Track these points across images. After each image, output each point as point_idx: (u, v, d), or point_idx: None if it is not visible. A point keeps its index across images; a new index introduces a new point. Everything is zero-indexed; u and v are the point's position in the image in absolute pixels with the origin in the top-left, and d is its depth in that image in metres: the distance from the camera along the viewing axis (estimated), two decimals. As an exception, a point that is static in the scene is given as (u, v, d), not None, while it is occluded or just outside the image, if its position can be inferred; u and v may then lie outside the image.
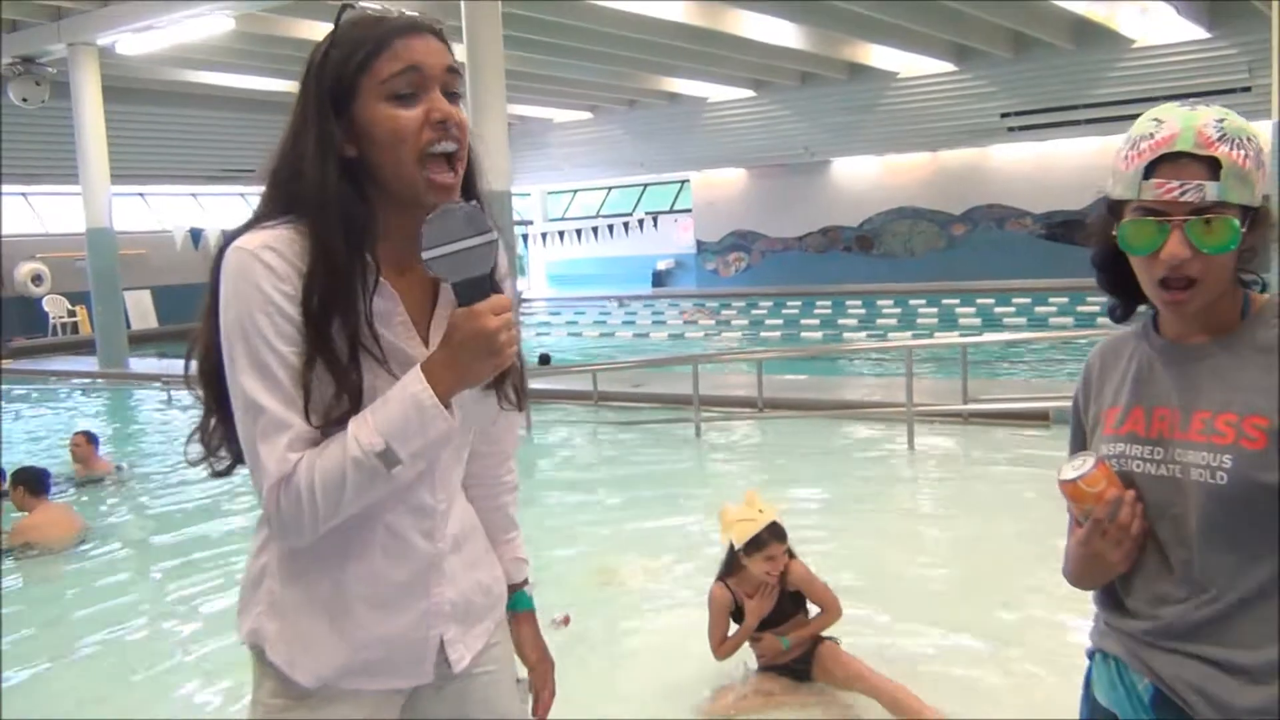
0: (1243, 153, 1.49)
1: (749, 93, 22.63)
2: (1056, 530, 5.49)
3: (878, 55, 19.51)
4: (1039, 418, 8.57)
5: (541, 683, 1.90)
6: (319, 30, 15.12)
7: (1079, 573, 1.69)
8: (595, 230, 28.06)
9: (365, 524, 1.54)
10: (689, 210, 27.23)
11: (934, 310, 19.89)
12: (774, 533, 3.72)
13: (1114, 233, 1.58)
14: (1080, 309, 18.34)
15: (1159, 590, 1.58)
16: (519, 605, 1.87)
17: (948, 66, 19.87)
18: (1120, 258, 1.60)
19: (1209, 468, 1.50)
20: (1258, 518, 1.48)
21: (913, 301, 20.71)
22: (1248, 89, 17.10)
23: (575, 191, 29.64)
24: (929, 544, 5.91)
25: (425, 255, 1.41)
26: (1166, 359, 1.61)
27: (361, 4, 1.53)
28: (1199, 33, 17.29)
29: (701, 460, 8.70)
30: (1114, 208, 1.60)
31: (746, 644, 3.89)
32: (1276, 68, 8.66)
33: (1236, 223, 1.47)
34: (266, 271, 1.43)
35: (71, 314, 21.86)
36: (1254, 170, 1.50)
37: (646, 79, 21.20)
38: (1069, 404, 1.83)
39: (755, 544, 3.70)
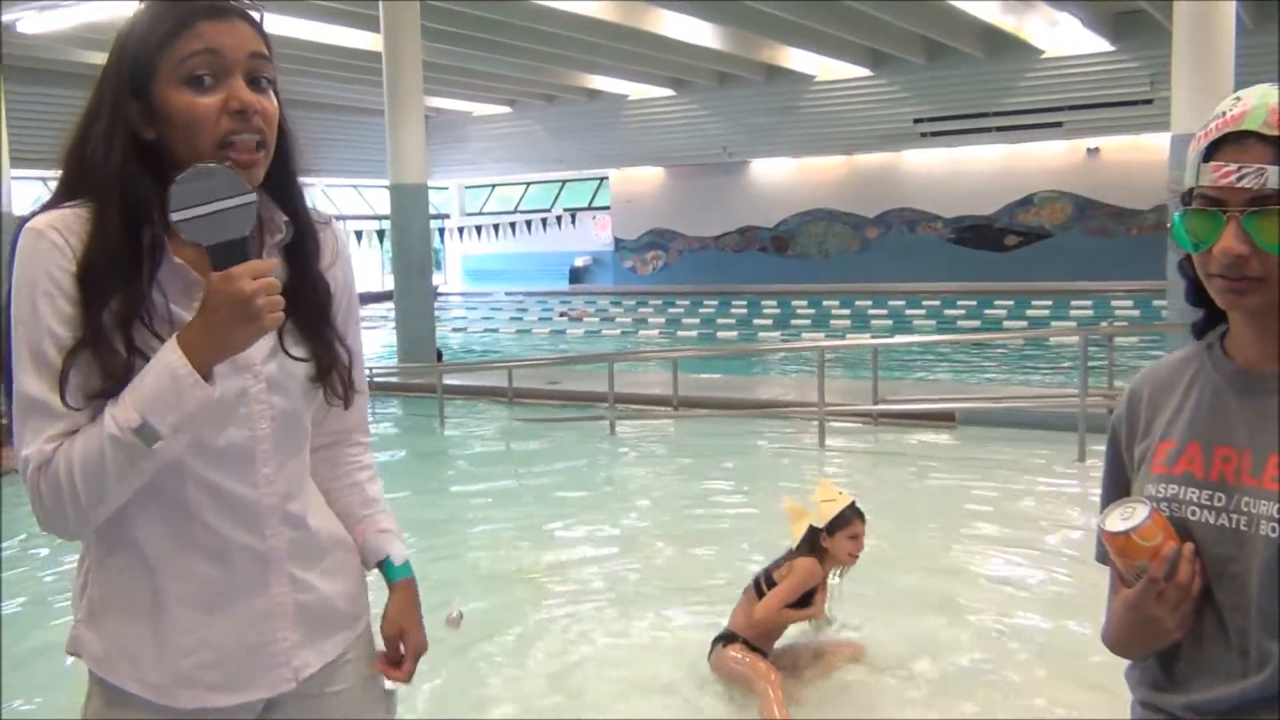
0: None
1: (668, 92, 22.71)
2: (959, 526, 5.58)
3: (795, 58, 19.74)
4: (946, 418, 8.75)
5: (393, 646, 1.72)
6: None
7: (1126, 639, 1.42)
8: (513, 226, 27.93)
9: (182, 522, 1.48)
10: (607, 207, 27.24)
11: (847, 311, 20.19)
12: (857, 511, 3.91)
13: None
14: (988, 312, 18.81)
15: (1209, 661, 1.34)
16: (389, 575, 1.75)
17: (863, 71, 20.19)
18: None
19: (1271, 522, 1.27)
20: None
21: (826, 302, 21.00)
22: (1149, 101, 17.69)
23: (493, 186, 29.44)
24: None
25: (174, 217, 1.34)
26: (1237, 389, 1.35)
27: None
28: (1104, 45, 17.84)
29: (616, 458, 8.70)
30: (1186, 199, 1.34)
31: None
32: (1176, 81, 8.95)
33: None
34: (51, 250, 1.39)
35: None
36: None
37: (566, 75, 21.15)
38: (976, 404, 1.68)
39: (840, 521, 3.86)
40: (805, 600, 3.88)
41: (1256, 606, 1.28)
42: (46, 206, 1.45)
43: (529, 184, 28.65)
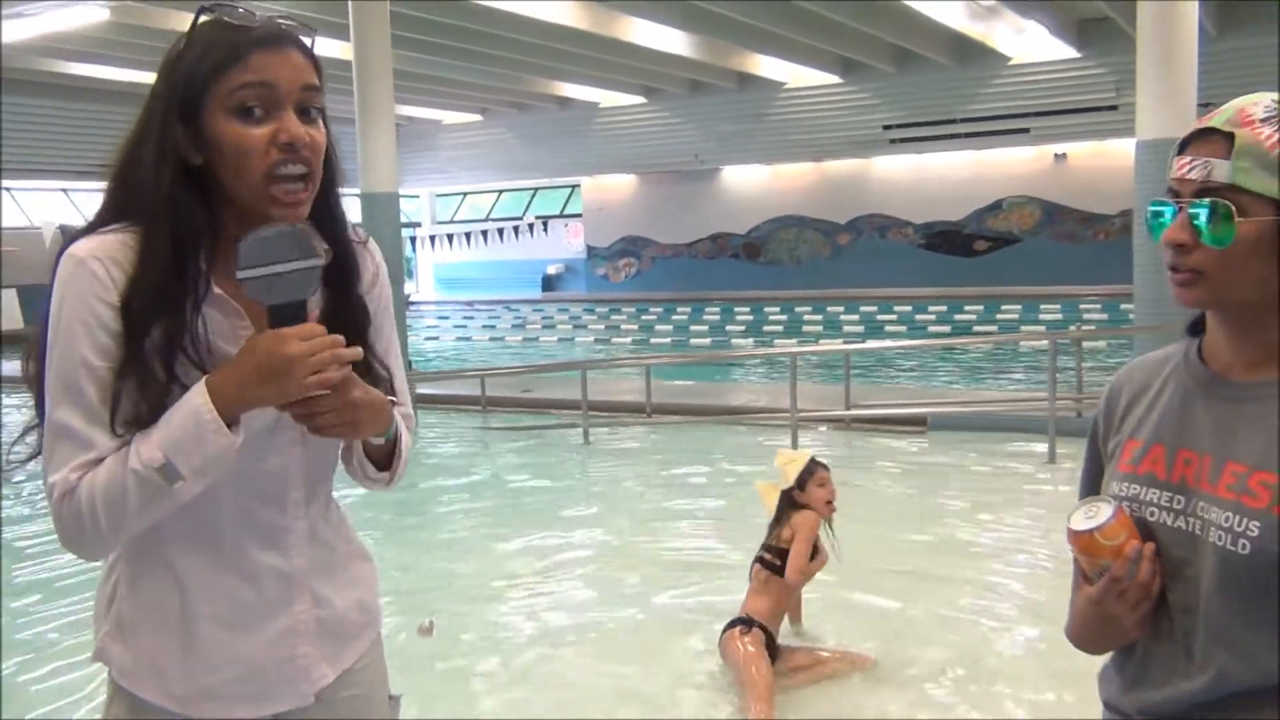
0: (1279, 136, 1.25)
1: (640, 99, 22.75)
2: (932, 530, 5.63)
3: (766, 65, 19.81)
4: (918, 423, 8.81)
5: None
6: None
7: (1087, 635, 1.44)
8: (485, 234, 27.85)
9: (214, 545, 1.50)
10: (579, 215, 27.24)
11: (819, 317, 20.28)
12: (818, 462, 4.16)
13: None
14: (958, 317, 18.94)
15: (1161, 662, 1.36)
16: None
17: (833, 78, 20.30)
18: None
19: (1230, 531, 1.27)
20: (1277, 600, 1.25)
21: (798, 308, 21.08)
22: (1114, 107, 17.88)
23: (464, 194, 29.37)
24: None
25: (240, 274, 1.36)
26: (1207, 393, 1.36)
27: (221, 5, 1.45)
28: (1070, 52, 18.02)
29: (590, 465, 8.69)
30: None
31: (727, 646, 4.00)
32: (1141, 88, 9.05)
33: (1230, 212, 1.25)
34: (91, 280, 1.39)
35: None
36: None
37: (537, 82, 21.14)
38: (946, 408, 1.69)
39: (806, 473, 4.09)
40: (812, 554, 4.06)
41: (1203, 611, 1.30)
42: (89, 228, 1.45)
43: (500, 192, 28.59)
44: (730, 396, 10.78)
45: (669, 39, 17.02)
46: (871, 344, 15.13)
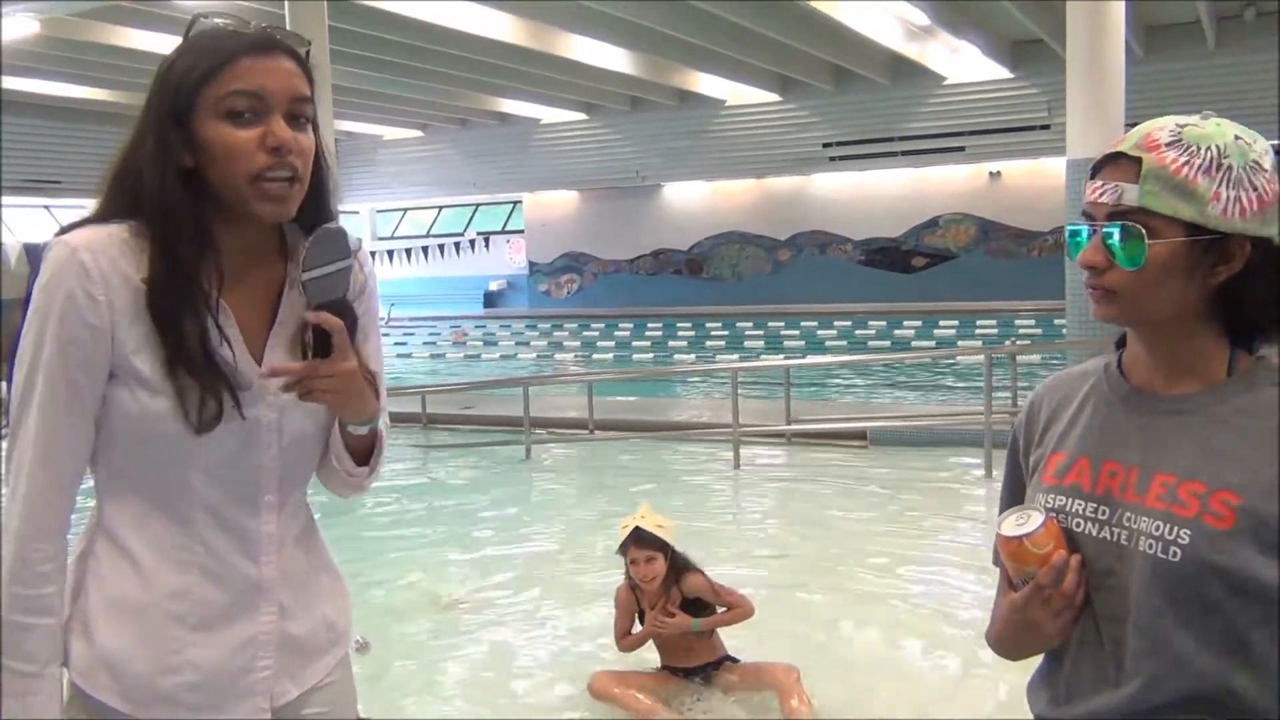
0: (1185, 159, 1.28)
1: (580, 115, 22.78)
2: (870, 543, 5.66)
3: (706, 83, 19.95)
4: (858, 437, 8.89)
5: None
6: (130, 37, 14.56)
7: (1008, 641, 1.46)
8: (425, 250, 27.65)
9: (183, 540, 1.50)
10: (521, 231, 27.16)
11: (760, 333, 20.40)
12: (635, 537, 3.90)
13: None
14: (897, 332, 19.17)
15: (1089, 671, 1.38)
16: None
17: (772, 96, 20.50)
18: None
19: (1162, 540, 1.30)
20: (1208, 607, 1.28)
21: (740, 324, 21.19)
22: (1046, 126, 18.28)
23: (405, 210, 29.15)
24: (754, 558, 6.03)
25: (305, 276, 1.44)
26: (1129, 407, 1.39)
27: (213, 18, 1.49)
28: (1003, 73, 18.38)
29: (532, 482, 8.66)
30: None
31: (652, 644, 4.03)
32: (1071, 108, 9.27)
33: (1141, 234, 1.28)
34: (80, 271, 1.40)
35: None
36: (1201, 181, 1.27)
37: (478, 99, 21.08)
38: (887, 423, 1.71)
39: (623, 548, 3.94)
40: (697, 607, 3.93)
41: (1132, 620, 1.32)
42: (83, 222, 1.47)
43: (441, 208, 28.43)
44: (672, 412, 10.80)
45: (610, 56, 17.08)
46: (812, 359, 15.25)
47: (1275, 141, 1.37)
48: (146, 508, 1.48)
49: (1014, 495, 1.55)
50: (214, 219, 1.47)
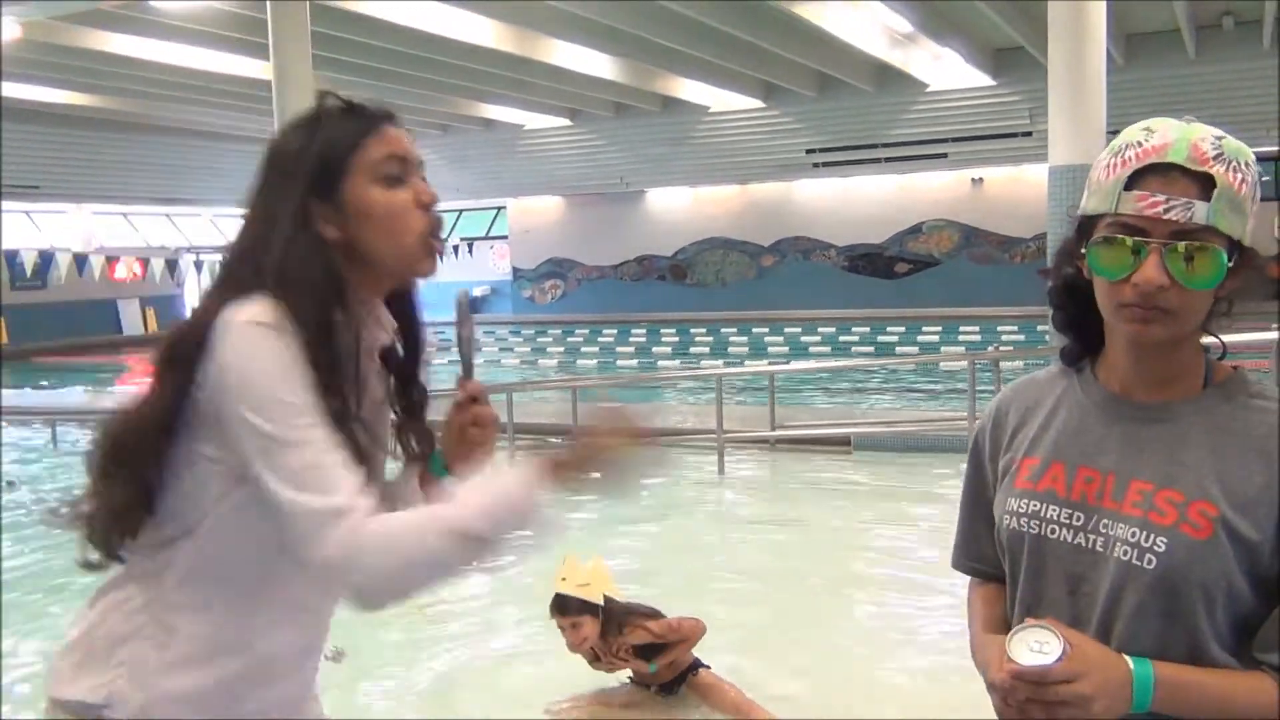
0: (1240, 177, 1.26)
1: (565, 121, 22.78)
2: (854, 549, 5.65)
3: (689, 89, 19.98)
4: (841, 443, 8.90)
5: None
6: (111, 41, 14.46)
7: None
8: (409, 256, 27.54)
9: (280, 595, 1.51)
10: (505, 237, 27.14)
11: (744, 339, 20.42)
12: (555, 606, 3.80)
13: (1083, 251, 1.33)
14: (880, 338, 19.22)
15: None
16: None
17: (756, 103, 20.54)
18: (1080, 293, 1.37)
19: (1138, 547, 1.30)
20: (1178, 617, 1.28)
21: (724, 330, 21.21)
22: (1029, 133, 18.36)
23: (388, 216, 29.07)
24: (738, 563, 6.03)
25: (463, 333, 1.65)
26: (1106, 414, 1.38)
27: (337, 94, 1.58)
28: (985, 80, 18.47)
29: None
30: (1085, 227, 1.34)
31: None
32: (1052, 115, 9.31)
33: (1224, 255, 1.25)
34: (277, 337, 1.39)
35: None
36: (1248, 200, 1.27)
37: (461, 104, 21.06)
38: (870, 429, 1.70)
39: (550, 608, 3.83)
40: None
41: (1098, 623, 1.33)
42: (220, 299, 1.44)
43: (425, 213, 28.34)
44: (657, 418, 10.78)
45: (593, 62, 17.08)
46: (796, 365, 15.27)
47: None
48: (222, 582, 1.47)
49: (976, 501, 1.55)
50: (357, 282, 1.52)
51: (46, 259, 19.56)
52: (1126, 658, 1.28)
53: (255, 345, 1.39)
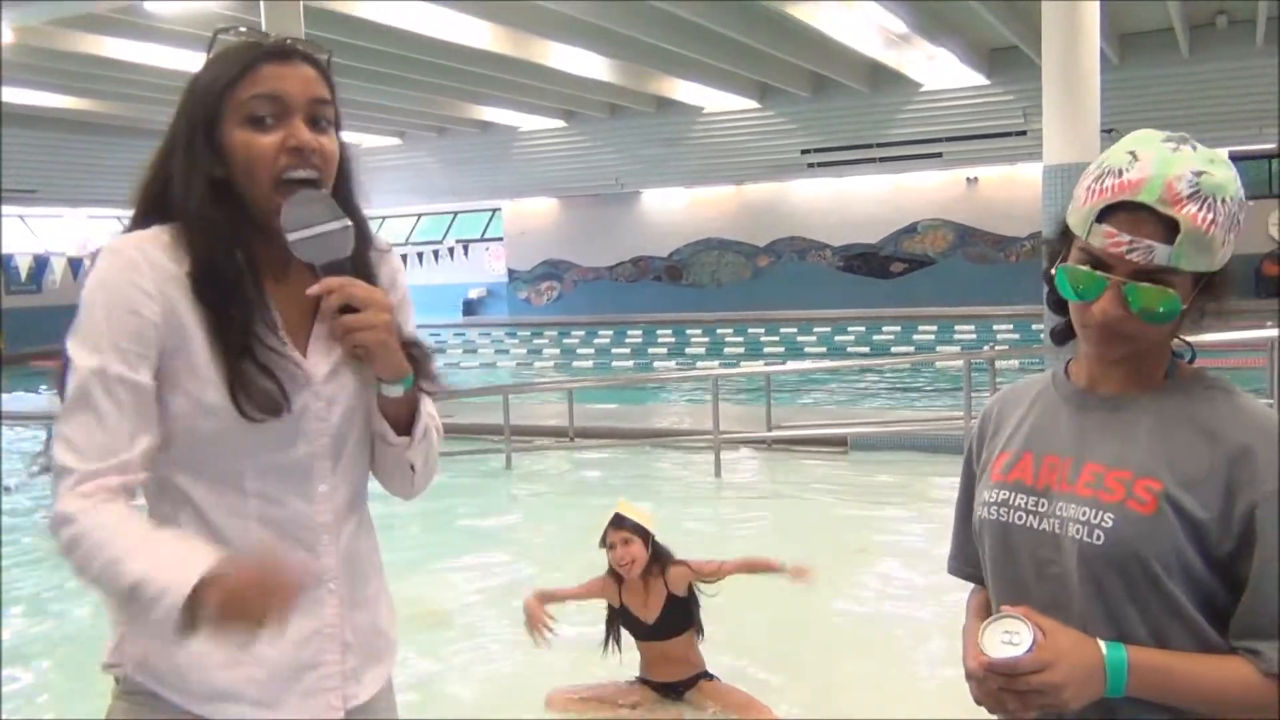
0: (1210, 215, 1.30)
1: (559, 123, 22.78)
2: (850, 549, 5.65)
3: (684, 90, 19.99)
4: (838, 443, 8.91)
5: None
6: (105, 45, 14.45)
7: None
8: (404, 258, 27.45)
9: (241, 532, 1.49)
10: (500, 239, 27.13)
11: (740, 339, 20.43)
12: (613, 521, 3.91)
13: (1053, 271, 1.41)
14: (876, 338, 19.24)
15: None
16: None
17: (751, 103, 20.55)
18: None
19: (1087, 524, 1.35)
20: (1133, 590, 1.33)
21: (720, 330, 21.22)
22: (1023, 133, 18.37)
23: (383, 218, 29.05)
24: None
25: (290, 237, 1.44)
26: (1072, 406, 1.46)
27: (235, 30, 1.54)
28: (979, 79, 18.49)
29: (511, 490, 8.63)
30: (1067, 233, 1.42)
31: (638, 653, 4.03)
32: (1047, 114, 9.32)
33: (1177, 297, 1.31)
34: (131, 269, 1.44)
35: None
36: (1219, 234, 1.31)
37: (456, 106, 21.05)
38: (866, 429, 1.75)
39: (605, 532, 3.91)
40: (667, 619, 3.92)
41: (1067, 604, 1.37)
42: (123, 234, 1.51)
43: (420, 216, 28.36)
44: (653, 419, 10.80)
45: (588, 63, 17.08)
46: (792, 365, 15.29)
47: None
48: (202, 503, 1.48)
49: (967, 501, 1.63)
50: (251, 227, 1.50)
51: (42, 263, 19.56)
52: (1101, 643, 1.31)
53: (98, 275, 1.45)
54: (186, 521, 1.49)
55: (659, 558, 3.92)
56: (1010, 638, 1.30)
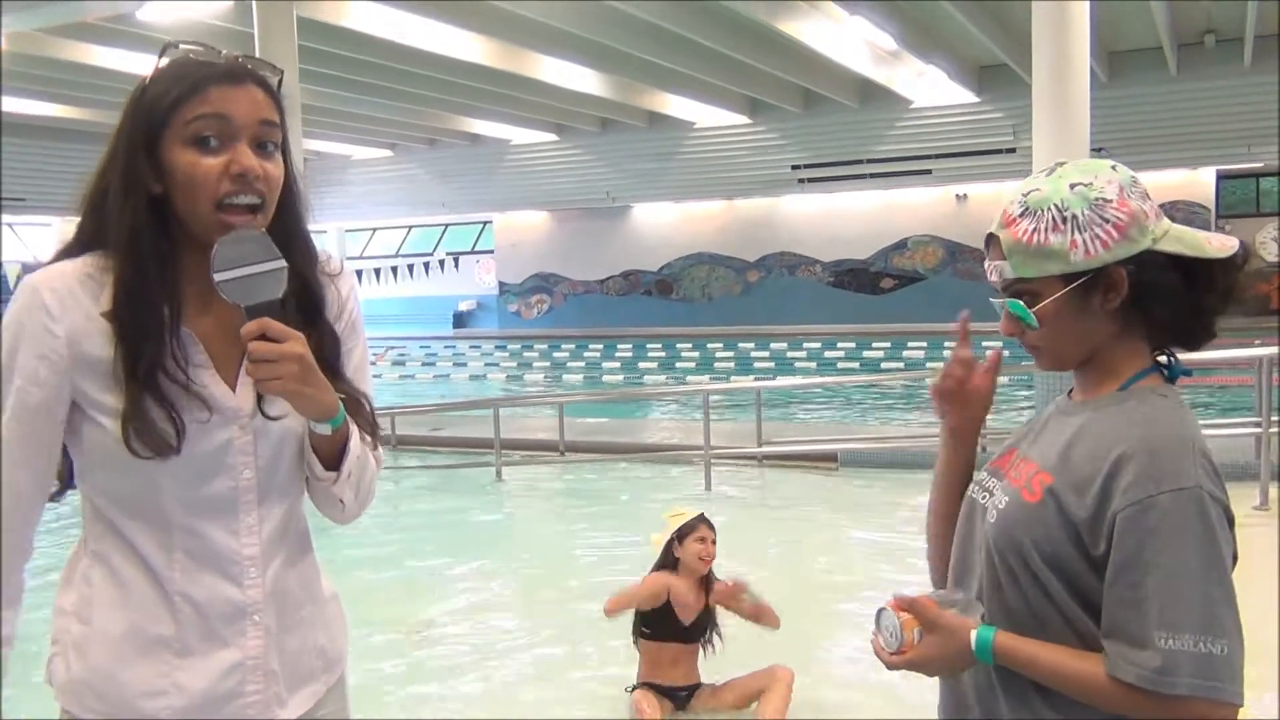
0: (1032, 226, 1.44)
1: (551, 136, 22.82)
2: (840, 565, 5.64)
3: (675, 105, 20.05)
4: (828, 459, 8.91)
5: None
6: (96, 55, 14.43)
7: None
8: (395, 270, 27.53)
9: (164, 566, 1.49)
10: (491, 251, 27.14)
11: (730, 354, 20.44)
12: (703, 519, 4.08)
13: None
14: (866, 353, 19.27)
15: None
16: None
17: (742, 119, 20.62)
18: None
19: (994, 506, 1.49)
20: (1011, 569, 1.44)
21: (710, 345, 21.24)
22: (1012, 150, 18.48)
23: (374, 230, 29.05)
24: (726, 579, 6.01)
25: (217, 277, 1.40)
26: (1057, 411, 1.58)
27: (184, 45, 1.49)
28: (969, 97, 18.59)
29: (502, 504, 8.60)
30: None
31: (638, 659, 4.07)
32: (1036, 132, 9.37)
33: (1020, 305, 1.48)
34: (41, 310, 1.43)
35: None
36: (1055, 239, 1.42)
37: (448, 119, 21.08)
38: (856, 445, 1.82)
39: (687, 528, 4.02)
40: (697, 625, 4.01)
41: (979, 575, 1.51)
42: (54, 259, 1.50)
43: (411, 228, 28.35)
44: (644, 434, 10.78)
45: (579, 77, 17.13)
46: (783, 381, 15.29)
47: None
48: (129, 533, 1.48)
49: None
50: (183, 248, 1.48)
51: (30, 271, 19.47)
52: (973, 630, 1.45)
53: (12, 312, 1.45)
54: (114, 549, 1.50)
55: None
56: (889, 632, 1.52)
